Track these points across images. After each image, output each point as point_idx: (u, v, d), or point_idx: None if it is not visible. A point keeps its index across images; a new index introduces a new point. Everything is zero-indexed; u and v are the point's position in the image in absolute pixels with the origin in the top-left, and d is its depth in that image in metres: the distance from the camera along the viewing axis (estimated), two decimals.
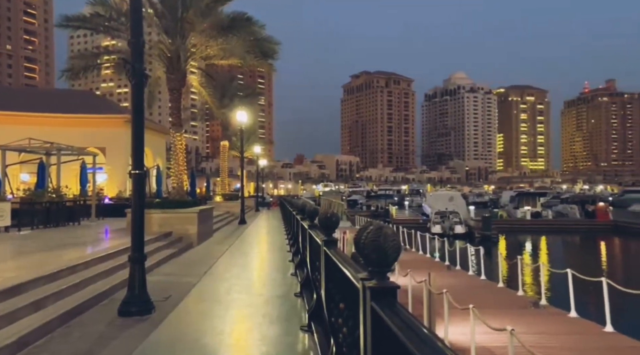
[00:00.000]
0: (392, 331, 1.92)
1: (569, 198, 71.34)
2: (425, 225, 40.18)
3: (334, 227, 4.89)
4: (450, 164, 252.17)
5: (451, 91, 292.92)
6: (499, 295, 13.31)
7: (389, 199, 77.69)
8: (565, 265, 12.85)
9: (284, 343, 5.77)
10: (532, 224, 47.58)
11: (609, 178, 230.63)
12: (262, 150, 53.25)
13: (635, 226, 43.66)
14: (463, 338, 8.27)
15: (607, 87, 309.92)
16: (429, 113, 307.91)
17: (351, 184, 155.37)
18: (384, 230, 2.43)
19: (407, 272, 11.35)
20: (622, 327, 9.63)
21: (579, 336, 9.05)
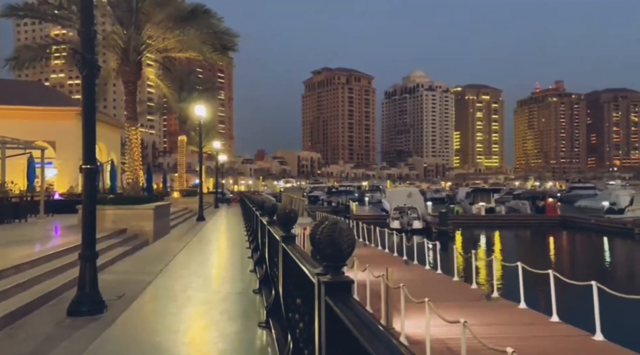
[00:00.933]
0: (345, 325, 1.93)
1: (520, 194, 74.23)
2: (385, 221, 40.79)
3: (292, 223, 4.88)
4: (409, 160, 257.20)
5: (410, 89, 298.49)
6: (454, 289, 13.70)
7: (350, 195, 78.33)
8: (516, 258, 13.35)
9: (241, 340, 5.72)
10: (486, 219, 49.19)
11: (558, 175, 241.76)
12: (221, 146, 52.46)
13: (581, 221, 45.96)
14: (419, 331, 8.45)
15: (556, 88, 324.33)
16: (389, 110, 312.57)
17: (312, 180, 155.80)
18: (339, 225, 2.43)
19: (365, 267, 11.50)
20: (566, 316, 10.12)
21: (527, 326, 9.46)
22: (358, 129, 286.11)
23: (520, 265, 11.72)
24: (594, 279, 9.27)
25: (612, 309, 10.12)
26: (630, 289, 18.17)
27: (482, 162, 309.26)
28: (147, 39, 15.80)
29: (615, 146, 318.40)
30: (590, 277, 9.64)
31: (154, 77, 20.30)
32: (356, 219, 33.48)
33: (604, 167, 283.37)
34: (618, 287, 12.23)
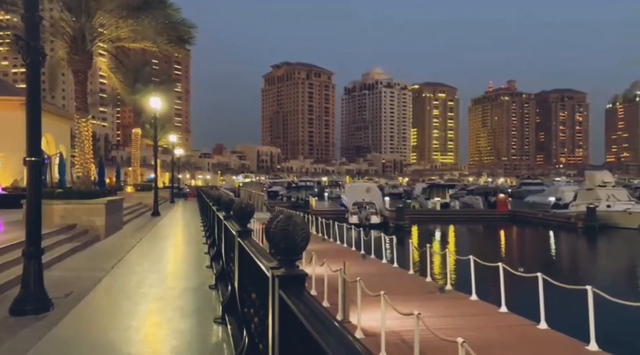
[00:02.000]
0: (298, 319, 1.94)
1: (474, 190, 76.76)
2: (344, 216, 41.16)
3: (248, 217, 4.84)
4: (368, 156, 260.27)
5: (369, 86, 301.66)
6: (409, 282, 14.01)
7: (309, 190, 78.52)
8: (469, 252, 13.81)
9: (195, 336, 5.63)
10: (441, 214, 50.60)
11: (509, 171, 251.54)
12: (178, 139, 51.24)
13: (529, 215, 48.08)
14: (375, 324, 8.60)
15: (508, 87, 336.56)
16: (349, 106, 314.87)
17: (272, 175, 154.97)
18: (294, 219, 2.44)
19: (323, 261, 11.57)
20: (514, 307, 10.57)
21: (477, 317, 9.82)
22: (318, 124, 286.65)
23: (472, 259, 12.12)
24: (541, 271, 9.71)
25: (556, 299, 10.67)
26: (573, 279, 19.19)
27: (438, 158, 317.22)
28: (98, 27, 15.17)
29: (561, 144, 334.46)
30: (537, 269, 10.09)
31: (106, 67, 19.51)
32: (315, 214, 33.58)
33: (552, 164, 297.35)
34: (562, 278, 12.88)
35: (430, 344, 7.30)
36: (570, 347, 8.03)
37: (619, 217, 39.19)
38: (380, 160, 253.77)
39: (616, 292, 10.08)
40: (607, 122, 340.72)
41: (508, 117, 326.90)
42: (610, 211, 39.89)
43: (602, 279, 21.26)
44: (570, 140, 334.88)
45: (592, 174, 49.38)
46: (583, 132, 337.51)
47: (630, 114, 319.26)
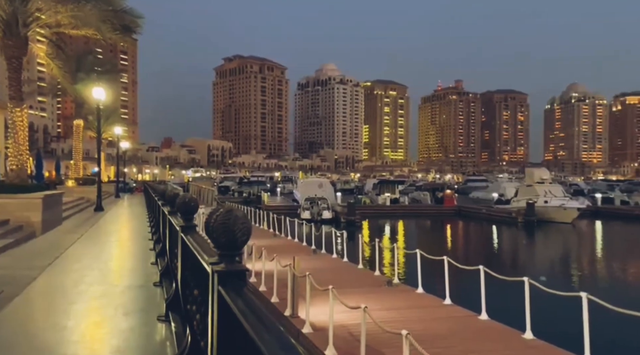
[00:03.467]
0: (236, 315, 1.89)
1: (422, 186, 78.75)
2: (296, 211, 41.17)
3: (192, 212, 4.70)
4: (321, 152, 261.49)
5: (322, 82, 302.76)
6: (358, 276, 14.21)
7: (262, 185, 77.87)
8: (417, 246, 14.19)
9: (137, 335, 5.43)
10: (391, 209, 51.67)
11: (456, 168, 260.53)
12: (124, 132, 49.28)
13: (474, 210, 50.02)
14: (324, 318, 8.65)
15: (455, 87, 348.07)
16: (302, 102, 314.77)
17: (223, 170, 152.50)
18: (234, 213, 2.37)
19: (273, 257, 11.50)
20: (458, 299, 10.96)
21: (423, 309, 10.10)
22: (271, 119, 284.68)
23: (418, 253, 12.44)
24: (483, 263, 10.12)
25: (497, 291, 11.14)
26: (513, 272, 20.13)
27: (389, 155, 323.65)
28: (34, 11, 14.27)
29: (504, 142, 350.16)
30: (480, 262, 10.50)
31: (44, 54, 18.39)
32: (267, 210, 33.38)
33: (495, 162, 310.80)
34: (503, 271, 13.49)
35: (376, 337, 7.43)
36: (508, 336, 8.42)
37: (554, 212, 41.51)
38: (332, 156, 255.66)
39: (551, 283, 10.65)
40: (545, 122, 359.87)
41: (455, 116, 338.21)
42: (547, 206, 42.17)
43: (538, 271, 22.45)
44: (512, 138, 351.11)
45: (531, 171, 51.99)
46: (524, 131, 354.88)
47: (567, 114, 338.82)
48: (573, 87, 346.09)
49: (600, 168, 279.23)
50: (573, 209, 41.43)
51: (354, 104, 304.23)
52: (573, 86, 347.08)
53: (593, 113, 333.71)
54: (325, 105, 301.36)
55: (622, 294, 17.06)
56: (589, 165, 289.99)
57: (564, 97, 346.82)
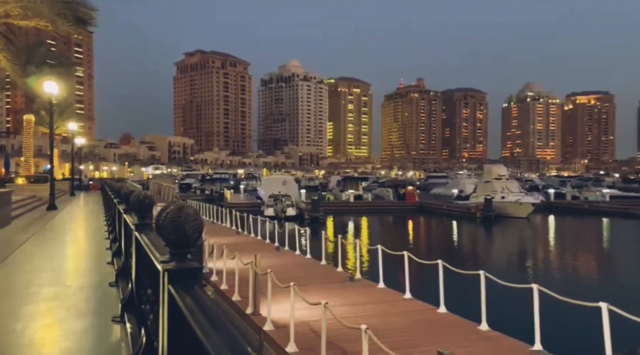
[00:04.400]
0: (185, 315, 1.85)
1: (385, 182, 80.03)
2: (260, 209, 40.89)
3: (147, 210, 4.59)
4: (285, 149, 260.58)
5: (286, 78, 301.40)
6: (321, 272, 14.26)
7: (225, 182, 76.90)
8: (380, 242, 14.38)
9: (91, 337, 5.26)
10: (355, 205, 52.13)
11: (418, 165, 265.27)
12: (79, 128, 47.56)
13: (435, 206, 51.12)
14: (285, 315, 8.63)
15: (417, 85, 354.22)
16: (265, 98, 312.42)
17: (185, 167, 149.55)
18: (185, 210, 2.33)
19: (234, 255, 11.39)
20: (418, 293, 11.19)
21: (383, 304, 10.25)
22: (234, 115, 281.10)
23: (380, 248, 12.60)
24: (443, 258, 10.36)
25: (455, 284, 11.43)
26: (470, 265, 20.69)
27: (352, 152, 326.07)
28: None
29: (464, 140, 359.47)
30: (440, 256, 10.75)
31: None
32: (230, 207, 32.99)
33: (456, 159, 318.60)
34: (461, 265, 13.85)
35: (337, 332, 7.48)
36: (465, 328, 8.66)
37: (511, 207, 42.98)
38: (297, 153, 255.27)
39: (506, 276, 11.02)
40: (503, 120, 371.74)
41: (417, 113, 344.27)
42: (504, 202, 43.61)
43: (495, 264, 23.22)
44: (472, 136, 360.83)
45: (489, 167, 53.56)
46: (483, 128, 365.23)
47: (523, 113, 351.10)
48: (529, 86, 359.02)
49: (553, 164, 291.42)
50: (528, 204, 43.01)
51: (318, 101, 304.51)
52: (529, 86, 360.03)
53: (547, 112, 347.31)
54: (289, 102, 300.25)
55: (572, 285, 17.88)
56: (543, 162, 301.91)
57: (520, 96, 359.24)
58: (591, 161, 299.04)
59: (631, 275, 21.42)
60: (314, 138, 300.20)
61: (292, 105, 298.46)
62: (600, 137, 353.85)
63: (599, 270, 22.66)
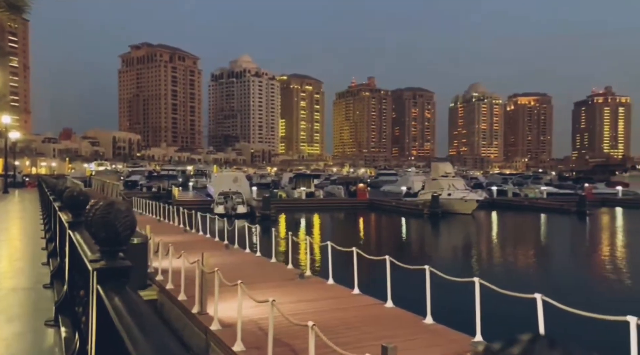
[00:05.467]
0: (111, 316, 1.74)
1: (336, 180, 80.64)
2: (210, 206, 40.16)
3: (82, 207, 4.34)
4: (237, 146, 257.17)
5: (237, 73, 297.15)
6: (271, 270, 14.17)
7: (173, 179, 74.89)
8: (331, 238, 14.45)
9: (22, 341, 4.93)
10: (307, 202, 52.23)
11: (369, 162, 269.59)
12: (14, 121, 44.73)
13: (385, 203, 52.12)
14: (233, 313, 8.50)
15: (368, 83, 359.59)
16: (216, 94, 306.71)
17: (131, 164, 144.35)
18: (116, 206, 2.21)
19: (181, 253, 11.09)
20: (366, 288, 11.34)
21: (332, 300, 10.31)
22: (183, 110, 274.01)
23: (329, 245, 12.67)
24: (392, 254, 10.55)
25: (403, 279, 11.69)
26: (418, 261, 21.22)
27: (305, 149, 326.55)
28: None
29: (413, 138, 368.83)
30: (389, 252, 10.93)
31: None
32: (178, 205, 32.14)
33: (405, 157, 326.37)
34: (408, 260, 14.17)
35: (285, 329, 7.44)
36: (410, 321, 8.87)
37: (457, 204, 44.53)
38: (249, 149, 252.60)
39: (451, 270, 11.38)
40: (450, 120, 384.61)
41: (368, 112, 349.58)
42: (450, 199, 45.10)
43: (440, 259, 23.97)
44: (420, 134, 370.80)
45: (436, 165, 55.21)
46: (431, 127, 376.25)
47: (468, 113, 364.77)
48: (474, 87, 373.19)
49: (496, 163, 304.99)
50: (472, 200, 44.71)
51: (270, 97, 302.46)
52: (474, 86, 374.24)
53: (491, 112, 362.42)
54: (240, 97, 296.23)
55: (511, 278, 18.75)
56: (487, 160, 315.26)
57: (466, 96, 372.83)
58: (531, 160, 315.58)
59: (564, 268, 22.75)
60: (266, 135, 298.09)
61: (244, 101, 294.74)
62: (539, 136, 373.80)
63: (536, 264, 23.91)
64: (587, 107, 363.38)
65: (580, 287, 17.47)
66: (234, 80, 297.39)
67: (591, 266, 22.91)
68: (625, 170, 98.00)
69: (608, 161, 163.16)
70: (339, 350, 5.08)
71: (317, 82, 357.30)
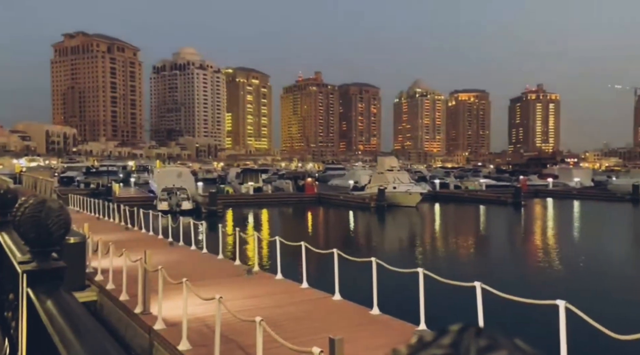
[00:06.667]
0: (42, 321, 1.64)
1: (285, 174, 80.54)
2: (153, 203, 38.95)
3: (9, 205, 4.05)
4: (181, 140, 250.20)
5: (181, 66, 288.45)
6: (218, 267, 13.94)
7: (113, 175, 71.85)
8: (280, 233, 14.40)
9: None
10: (255, 198, 51.80)
11: (317, 157, 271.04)
12: None
13: (333, 197, 52.64)
14: (178, 312, 8.30)
15: (315, 78, 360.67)
16: (158, 86, 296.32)
17: (66, 159, 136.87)
18: (47, 204, 2.08)
19: (122, 252, 10.67)
20: (315, 282, 11.42)
21: (280, 295, 10.31)
22: (123, 103, 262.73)
23: (278, 240, 12.63)
24: (340, 247, 10.67)
25: (351, 272, 11.87)
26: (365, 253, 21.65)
27: (252, 143, 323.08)
28: None
29: (360, 133, 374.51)
30: (337, 246, 11.05)
31: None
32: (119, 202, 30.87)
33: (352, 151, 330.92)
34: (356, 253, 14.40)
35: (233, 326, 7.36)
36: (357, 313, 9.03)
37: (401, 197, 45.74)
38: (193, 144, 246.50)
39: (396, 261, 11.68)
40: (395, 115, 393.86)
41: (316, 106, 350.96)
42: (395, 192, 46.25)
43: (386, 251, 24.56)
44: (367, 129, 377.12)
45: (382, 160, 56.36)
46: (377, 122, 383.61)
47: (412, 108, 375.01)
48: (417, 83, 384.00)
49: (439, 157, 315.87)
50: (417, 193, 46.08)
51: (215, 90, 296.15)
52: (417, 82, 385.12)
53: (433, 107, 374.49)
54: (184, 90, 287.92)
55: (453, 267, 19.53)
56: (431, 154, 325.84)
57: (410, 92, 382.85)
58: (471, 153, 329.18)
59: (502, 256, 23.99)
60: (211, 129, 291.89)
61: (188, 95, 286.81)
62: (479, 131, 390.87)
63: (476, 253, 25.05)
64: (522, 104, 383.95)
65: (516, 274, 18.50)
66: (177, 73, 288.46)
67: (526, 254, 24.30)
68: (555, 163, 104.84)
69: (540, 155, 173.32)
70: (286, 345, 5.09)
71: (264, 76, 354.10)
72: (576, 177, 70.79)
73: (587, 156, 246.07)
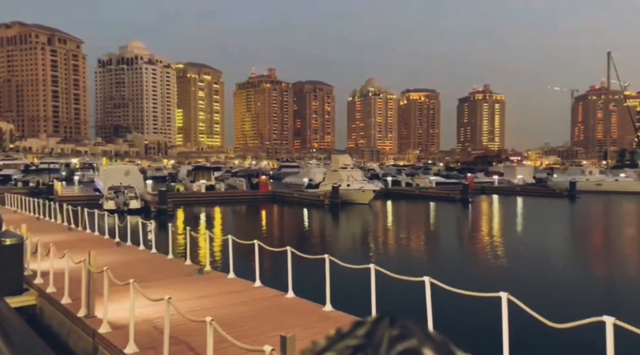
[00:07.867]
0: None
1: (238, 172, 79.57)
2: (98, 202, 37.43)
3: None
4: (129, 137, 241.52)
5: (128, 60, 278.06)
6: (167, 267, 13.58)
7: (55, 173, 68.41)
8: (233, 232, 14.20)
9: None
10: (207, 196, 50.83)
11: (271, 155, 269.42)
12: None
13: (287, 195, 52.54)
14: (125, 314, 8.00)
15: (269, 75, 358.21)
16: (104, 81, 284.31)
17: (2, 156, 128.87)
18: None
19: (64, 253, 10.17)
20: (268, 280, 11.35)
21: (233, 294, 10.17)
22: (65, 98, 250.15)
23: (230, 238, 12.45)
24: (295, 245, 10.65)
25: (304, 269, 11.87)
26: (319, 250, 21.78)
27: (204, 140, 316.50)
28: None
29: (314, 131, 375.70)
30: (291, 243, 11.01)
31: None
32: (62, 201, 29.44)
33: (306, 149, 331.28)
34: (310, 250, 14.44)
35: (183, 327, 7.19)
36: (310, 310, 9.06)
37: (355, 194, 46.32)
38: (142, 141, 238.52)
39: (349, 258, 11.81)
40: (348, 113, 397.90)
41: (270, 104, 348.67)
42: (349, 189, 46.77)
43: (340, 248, 24.80)
44: (321, 127, 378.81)
45: (336, 157, 56.80)
46: (331, 120, 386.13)
47: (365, 107, 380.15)
48: (370, 81, 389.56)
49: (391, 155, 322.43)
50: (369, 191, 46.81)
51: (165, 86, 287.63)
52: (370, 81, 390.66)
53: (386, 106, 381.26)
54: (132, 85, 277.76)
55: (404, 262, 20.00)
56: (383, 152, 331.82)
57: (363, 90, 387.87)
58: (422, 152, 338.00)
59: (450, 251, 24.80)
60: (161, 125, 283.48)
61: (136, 90, 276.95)
62: (429, 130, 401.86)
63: (426, 248, 25.76)
64: (469, 104, 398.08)
65: (464, 267, 19.17)
66: (125, 67, 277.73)
67: (473, 249, 25.23)
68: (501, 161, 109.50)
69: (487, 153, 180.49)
70: (237, 344, 5.02)
71: (216, 72, 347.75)
72: (519, 174, 74.38)
73: (529, 154, 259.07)
